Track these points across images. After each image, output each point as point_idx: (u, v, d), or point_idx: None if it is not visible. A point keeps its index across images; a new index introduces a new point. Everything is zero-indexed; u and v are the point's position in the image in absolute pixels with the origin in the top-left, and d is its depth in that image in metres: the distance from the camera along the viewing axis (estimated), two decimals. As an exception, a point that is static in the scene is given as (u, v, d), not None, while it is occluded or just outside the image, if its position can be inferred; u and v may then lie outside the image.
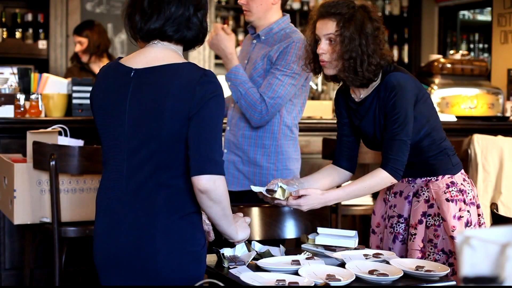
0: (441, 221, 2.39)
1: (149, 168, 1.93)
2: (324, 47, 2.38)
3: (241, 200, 3.02)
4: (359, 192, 2.38)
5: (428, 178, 2.44)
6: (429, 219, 2.41)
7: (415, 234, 2.41)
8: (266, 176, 3.03)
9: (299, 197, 2.30)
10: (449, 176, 2.44)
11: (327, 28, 2.37)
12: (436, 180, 2.44)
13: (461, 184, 2.44)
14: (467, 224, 2.40)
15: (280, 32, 3.03)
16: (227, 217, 1.98)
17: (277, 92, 2.91)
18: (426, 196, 2.43)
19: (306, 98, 3.11)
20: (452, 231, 2.36)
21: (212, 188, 1.89)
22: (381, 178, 2.34)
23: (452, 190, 2.41)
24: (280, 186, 2.31)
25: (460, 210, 2.39)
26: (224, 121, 3.71)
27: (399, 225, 2.48)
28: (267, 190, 2.34)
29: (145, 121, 1.94)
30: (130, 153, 1.96)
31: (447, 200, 2.39)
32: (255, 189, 2.40)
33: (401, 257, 2.41)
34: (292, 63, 2.92)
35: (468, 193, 2.44)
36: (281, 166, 3.04)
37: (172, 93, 1.91)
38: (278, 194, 2.30)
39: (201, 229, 2.01)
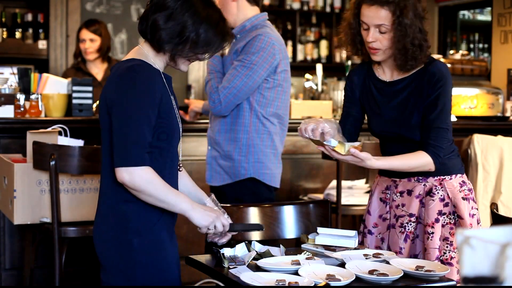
0: (456, 219, 2.41)
1: (105, 156, 2.05)
2: (375, 36, 2.32)
3: (225, 195, 3.05)
4: (400, 167, 2.37)
5: (442, 177, 2.44)
6: (444, 217, 2.42)
7: (432, 233, 2.40)
8: (238, 169, 3.05)
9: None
10: (460, 175, 2.47)
11: (380, 18, 2.29)
12: (450, 179, 2.45)
13: (469, 183, 2.49)
14: (478, 222, 2.46)
15: (252, 29, 3.07)
16: (163, 202, 2.00)
17: (232, 82, 2.95)
18: (441, 195, 2.43)
19: (282, 92, 3.11)
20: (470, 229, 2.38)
21: (127, 179, 1.94)
22: (425, 161, 2.34)
23: (465, 189, 2.45)
24: (339, 141, 2.23)
25: (472, 208, 2.44)
26: (206, 121, 3.72)
27: (410, 224, 2.45)
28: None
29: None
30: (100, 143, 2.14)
31: (463, 198, 2.43)
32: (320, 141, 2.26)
33: (414, 256, 2.43)
34: (251, 54, 2.94)
35: (473, 192, 2.49)
36: (252, 158, 3.05)
37: (104, 87, 2.05)
38: (339, 148, 2.22)
39: (144, 219, 2.02)
